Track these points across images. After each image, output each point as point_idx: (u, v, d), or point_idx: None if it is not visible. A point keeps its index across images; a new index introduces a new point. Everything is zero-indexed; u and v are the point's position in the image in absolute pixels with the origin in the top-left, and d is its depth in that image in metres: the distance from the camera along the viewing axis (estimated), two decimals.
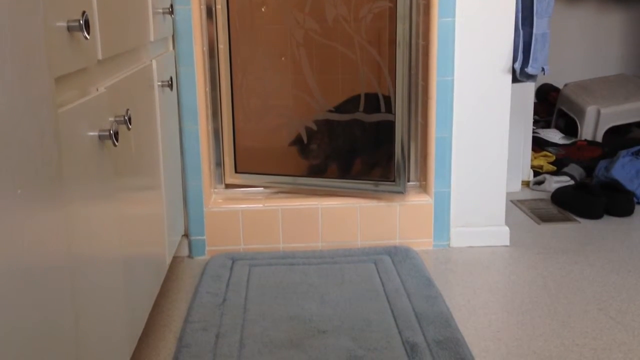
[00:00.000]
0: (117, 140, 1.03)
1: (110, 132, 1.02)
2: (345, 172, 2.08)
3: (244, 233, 2.00)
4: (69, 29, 0.89)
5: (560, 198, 2.39)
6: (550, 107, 3.32)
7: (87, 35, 0.92)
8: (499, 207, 2.03)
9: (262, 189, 2.10)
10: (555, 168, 2.69)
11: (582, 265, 1.88)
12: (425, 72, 2.00)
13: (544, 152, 2.78)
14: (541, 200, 2.45)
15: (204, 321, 1.56)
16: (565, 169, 2.62)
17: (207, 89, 2.01)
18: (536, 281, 1.78)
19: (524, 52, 1.94)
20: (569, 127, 3.11)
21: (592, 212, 2.25)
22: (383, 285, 1.74)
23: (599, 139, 2.98)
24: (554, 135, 3.01)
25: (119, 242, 1.14)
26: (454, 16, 1.90)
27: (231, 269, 1.87)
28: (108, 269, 1.07)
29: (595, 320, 1.56)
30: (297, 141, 2.09)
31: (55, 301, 0.78)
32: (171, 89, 1.70)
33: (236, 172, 2.10)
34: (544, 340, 1.48)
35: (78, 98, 0.96)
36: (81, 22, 0.90)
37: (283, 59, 2.05)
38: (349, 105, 2.05)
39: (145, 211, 1.37)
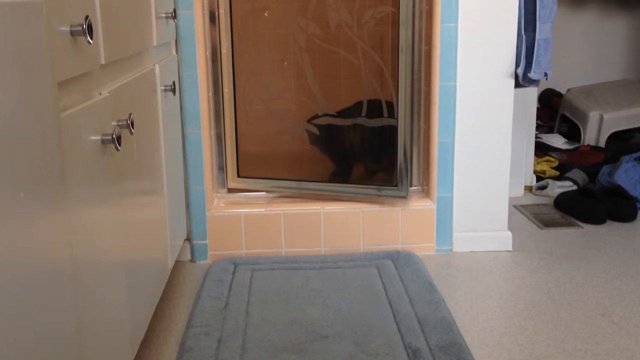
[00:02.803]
0: (119, 145, 1.04)
1: (112, 137, 1.02)
2: (347, 177, 2.08)
3: (246, 237, 2.00)
4: (72, 33, 0.89)
5: (563, 203, 2.38)
6: (553, 112, 3.32)
7: (90, 40, 0.92)
8: (502, 212, 2.03)
9: (264, 193, 2.10)
10: (558, 173, 2.68)
11: (585, 271, 1.87)
12: (427, 77, 2.00)
13: (547, 157, 2.78)
14: (544, 205, 2.45)
15: (206, 326, 1.56)
16: (568, 174, 2.62)
17: (210, 94, 2.01)
18: (539, 286, 1.78)
19: (526, 57, 1.94)
20: (572, 132, 3.11)
21: (595, 218, 2.25)
22: (385, 290, 1.74)
23: (602, 144, 2.97)
24: (556, 141, 3.00)
25: (121, 246, 1.14)
26: (456, 21, 1.90)
27: (233, 273, 1.87)
28: (110, 273, 1.07)
29: (598, 325, 1.56)
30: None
31: (57, 305, 0.78)
32: (174, 93, 1.70)
33: (239, 176, 2.10)
34: (546, 346, 1.47)
35: (81, 102, 0.96)
36: (84, 26, 0.90)
37: (286, 63, 2.05)
38: (352, 111, 2.05)
39: (147, 215, 1.37)
